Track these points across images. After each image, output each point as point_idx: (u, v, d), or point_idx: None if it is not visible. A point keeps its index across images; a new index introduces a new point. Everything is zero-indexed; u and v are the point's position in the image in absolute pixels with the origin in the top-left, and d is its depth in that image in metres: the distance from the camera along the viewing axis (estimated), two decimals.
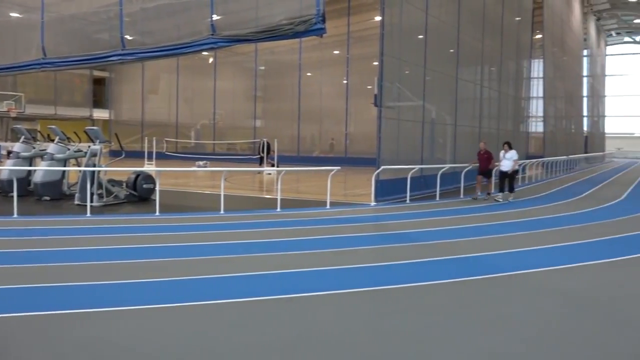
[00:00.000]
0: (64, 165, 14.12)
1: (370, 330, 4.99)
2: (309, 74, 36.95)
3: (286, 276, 6.81)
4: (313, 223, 11.17)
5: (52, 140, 14.96)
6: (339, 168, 15.28)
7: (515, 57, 28.04)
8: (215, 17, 14.26)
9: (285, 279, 6.70)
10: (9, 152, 15.64)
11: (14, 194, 11.45)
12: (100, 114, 43.61)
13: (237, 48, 34.42)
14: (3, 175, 14.77)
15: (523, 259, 8.09)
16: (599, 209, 14.60)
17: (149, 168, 19.51)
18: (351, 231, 10.35)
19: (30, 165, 14.98)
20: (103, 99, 45.03)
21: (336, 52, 36.12)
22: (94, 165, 13.02)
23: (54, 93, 40.45)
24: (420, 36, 18.02)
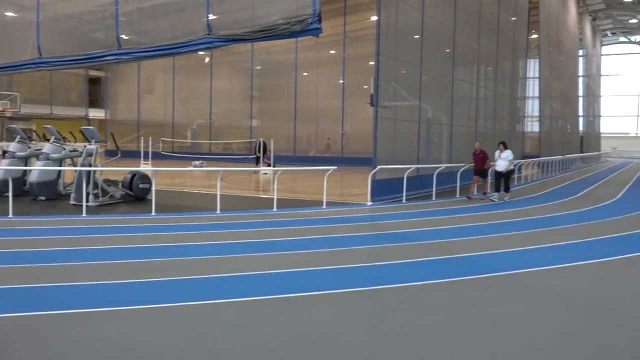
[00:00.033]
0: (60, 165, 14.09)
1: (366, 330, 5.00)
2: (305, 74, 36.93)
3: (283, 276, 6.82)
4: (310, 223, 11.17)
5: (48, 140, 14.93)
6: (336, 168, 15.29)
7: (512, 57, 28.11)
8: (211, 17, 14.26)
9: (282, 279, 6.70)
10: (5, 152, 15.58)
11: (10, 194, 11.41)
12: (96, 114, 43.51)
13: (234, 48, 34.36)
14: None
15: (519, 259, 8.11)
16: (594, 208, 14.65)
17: (145, 168, 19.48)
18: (348, 231, 10.36)
19: (25, 165, 14.94)
20: (99, 98, 44.94)
21: (333, 52, 36.12)
22: (90, 165, 13.00)
23: (49, 93, 40.36)
24: (417, 36, 18.05)
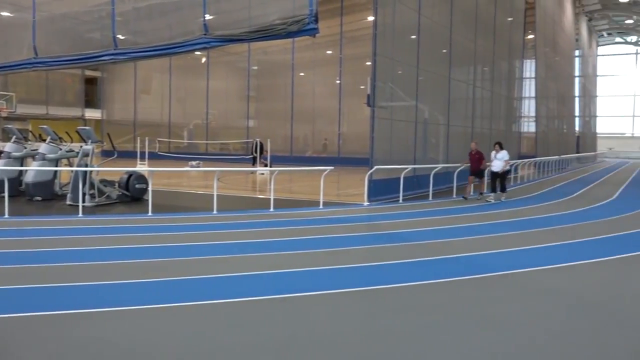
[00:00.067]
0: (56, 165, 14.06)
1: (363, 330, 5.01)
2: (301, 74, 36.92)
3: (280, 276, 6.82)
4: (306, 223, 11.18)
5: (44, 140, 14.89)
6: (332, 168, 15.30)
7: (508, 57, 28.16)
8: (207, 17, 14.25)
9: (279, 279, 6.70)
10: (0, 152, 15.54)
11: (5, 194, 11.39)
12: (92, 114, 43.38)
13: (230, 48, 34.38)
14: None
15: (515, 259, 8.13)
16: (590, 208, 14.69)
17: (142, 168, 19.45)
18: (344, 231, 10.36)
19: (21, 165, 14.91)
20: (95, 98, 44.79)
21: (329, 52, 36.12)
22: (86, 166, 12.98)
23: (45, 93, 40.20)
24: (413, 36, 18.07)
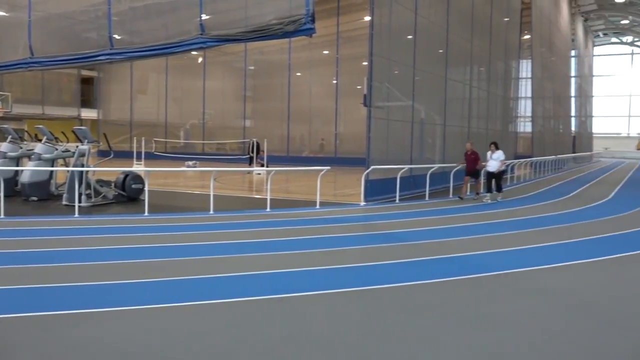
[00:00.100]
0: (52, 166, 14.03)
1: (359, 329, 5.01)
2: (298, 74, 36.92)
3: (277, 276, 6.82)
4: (303, 223, 11.18)
5: (40, 140, 14.86)
6: (329, 168, 15.30)
7: (504, 58, 28.22)
8: (204, 17, 14.24)
9: (276, 279, 6.70)
10: None
11: (1, 195, 11.34)
12: (88, 114, 43.26)
13: (227, 48, 34.33)
14: None
15: (510, 259, 8.15)
16: (586, 208, 14.73)
17: (138, 168, 19.41)
18: (341, 231, 10.37)
19: (17, 165, 14.86)
20: (91, 98, 44.69)
21: (326, 52, 36.12)
22: (82, 166, 12.95)
23: (41, 92, 40.08)
24: (410, 36, 18.09)
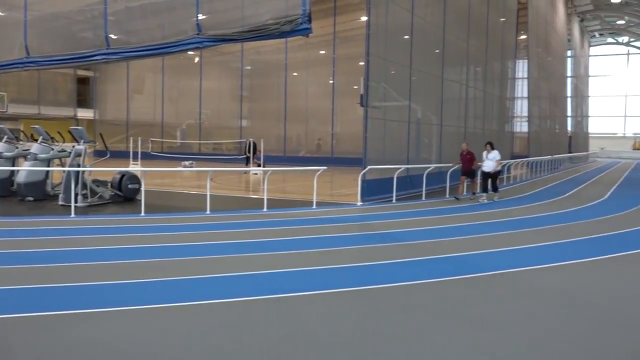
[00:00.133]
0: (48, 166, 13.99)
1: (355, 329, 5.02)
2: (295, 74, 36.90)
3: (273, 276, 6.82)
4: (299, 223, 11.18)
5: (36, 140, 14.82)
6: (325, 168, 15.30)
7: (500, 58, 28.26)
8: (200, 17, 14.22)
9: (273, 279, 6.70)
10: None
11: None
12: (84, 114, 43.15)
13: (223, 48, 34.29)
14: None
15: (506, 259, 8.17)
16: (582, 208, 14.77)
17: (134, 168, 19.38)
18: (337, 231, 10.37)
19: (13, 165, 14.82)
20: (87, 98, 44.55)
21: (322, 52, 36.11)
22: (79, 166, 12.92)
23: (37, 92, 39.95)
24: (406, 36, 18.11)
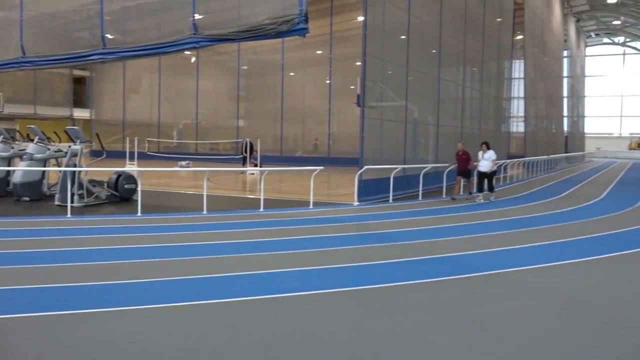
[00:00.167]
0: (44, 166, 13.96)
1: (352, 329, 5.02)
2: (291, 74, 36.91)
3: (270, 276, 6.81)
4: (296, 223, 11.17)
5: (32, 140, 14.78)
6: (322, 168, 15.31)
7: (497, 58, 28.32)
8: (197, 17, 14.21)
9: (270, 279, 6.70)
10: None
11: None
12: (80, 114, 43.03)
13: (220, 47, 34.26)
14: None
15: (502, 259, 8.18)
16: (578, 208, 14.81)
17: (131, 168, 19.35)
18: (334, 231, 10.37)
19: (9, 165, 14.78)
20: (84, 98, 44.45)
21: (319, 52, 36.13)
22: (75, 166, 12.89)
23: (33, 92, 39.83)
24: (403, 36, 18.12)
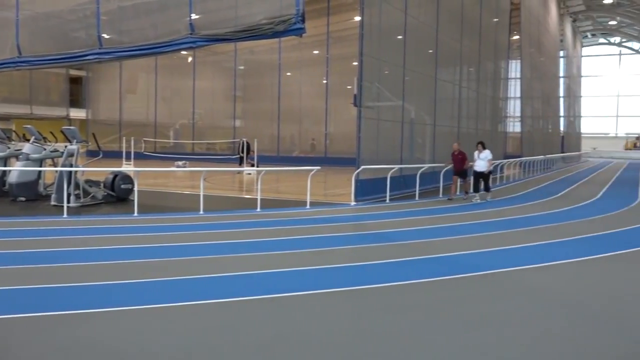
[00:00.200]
0: (40, 166, 13.93)
1: (349, 329, 5.02)
2: (288, 74, 36.88)
3: (267, 276, 6.81)
4: (293, 223, 11.17)
5: (28, 140, 14.74)
6: (319, 168, 15.31)
7: (493, 58, 28.37)
8: (194, 16, 14.19)
9: (267, 279, 6.70)
10: None
11: None
12: (77, 114, 42.94)
13: (217, 47, 34.21)
14: None
15: (498, 258, 8.20)
16: (574, 208, 14.84)
17: (127, 168, 19.32)
18: (331, 231, 10.38)
19: (5, 165, 14.74)
20: (80, 98, 44.34)
21: (316, 52, 36.12)
22: (71, 166, 12.87)
23: (29, 92, 39.71)
24: (400, 36, 18.14)
